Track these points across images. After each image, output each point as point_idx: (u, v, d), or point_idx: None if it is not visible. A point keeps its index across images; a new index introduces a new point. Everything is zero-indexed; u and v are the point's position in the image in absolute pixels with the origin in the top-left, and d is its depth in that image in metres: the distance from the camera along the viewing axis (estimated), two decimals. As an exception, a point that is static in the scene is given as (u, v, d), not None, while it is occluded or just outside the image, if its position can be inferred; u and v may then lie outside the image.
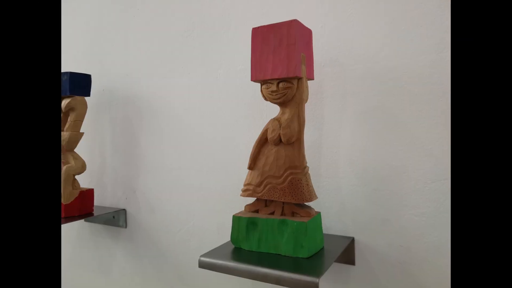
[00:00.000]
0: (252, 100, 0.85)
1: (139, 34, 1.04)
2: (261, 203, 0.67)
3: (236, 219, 0.66)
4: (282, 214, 0.65)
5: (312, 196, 0.63)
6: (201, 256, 0.63)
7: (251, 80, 0.65)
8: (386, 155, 0.70)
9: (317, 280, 0.52)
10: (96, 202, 1.11)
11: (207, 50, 0.92)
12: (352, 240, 0.72)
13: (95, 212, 1.02)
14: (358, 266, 0.73)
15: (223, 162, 0.90)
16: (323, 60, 0.76)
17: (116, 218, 1.08)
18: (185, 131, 0.96)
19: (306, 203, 0.67)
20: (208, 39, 0.92)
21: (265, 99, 0.66)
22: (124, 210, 1.07)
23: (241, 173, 0.87)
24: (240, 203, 0.86)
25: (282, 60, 0.61)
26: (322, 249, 0.65)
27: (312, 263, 0.58)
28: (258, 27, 0.64)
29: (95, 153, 1.14)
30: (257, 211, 0.67)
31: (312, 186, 0.65)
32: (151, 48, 1.02)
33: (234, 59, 0.88)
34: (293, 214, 0.64)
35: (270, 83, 0.64)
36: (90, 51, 1.15)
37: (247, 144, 0.86)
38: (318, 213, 0.66)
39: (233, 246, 0.67)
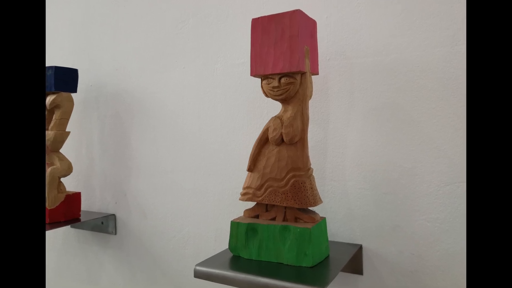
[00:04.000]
0: (252, 96, 0.85)
1: (129, 25, 1.04)
2: (262, 208, 0.67)
3: (235, 225, 0.66)
4: (284, 219, 0.65)
5: (316, 200, 0.63)
6: (197, 265, 0.63)
7: (251, 75, 0.65)
8: (396, 156, 0.70)
9: (322, 291, 0.52)
10: (83, 206, 1.11)
11: (203, 42, 0.93)
12: (359, 248, 0.72)
13: (82, 218, 1.02)
14: (366, 276, 0.73)
15: (220, 164, 0.90)
16: (329, 53, 0.76)
17: (105, 224, 1.08)
18: (180, 130, 0.96)
19: (310, 208, 0.67)
20: (204, 31, 0.92)
21: (266, 95, 0.66)
22: (114, 215, 1.07)
23: (240, 176, 0.87)
24: (239, 208, 0.86)
25: (284, 53, 0.61)
26: (328, 257, 0.65)
27: (317, 273, 0.58)
28: (258, 18, 0.64)
29: (82, 153, 1.14)
30: (257, 217, 0.67)
31: (316, 189, 0.65)
32: (142, 40, 1.02)
33: (233, 52, 0.88)
34: (296, 219, 0.64)
35: (271, 78, 0.64)
36: (77, 44, 1.15)
37: (247, 144, 0.86)
38: (323, 219, 0.66)
39: (231, 254, 0.67)
